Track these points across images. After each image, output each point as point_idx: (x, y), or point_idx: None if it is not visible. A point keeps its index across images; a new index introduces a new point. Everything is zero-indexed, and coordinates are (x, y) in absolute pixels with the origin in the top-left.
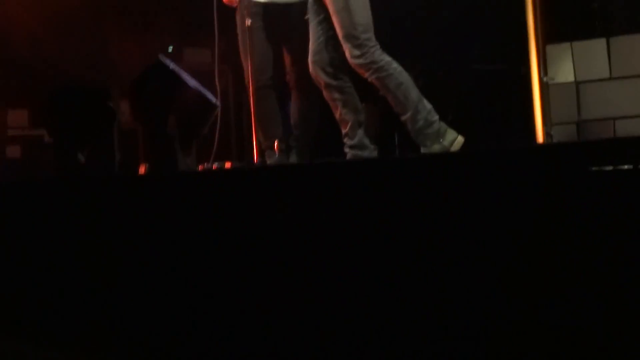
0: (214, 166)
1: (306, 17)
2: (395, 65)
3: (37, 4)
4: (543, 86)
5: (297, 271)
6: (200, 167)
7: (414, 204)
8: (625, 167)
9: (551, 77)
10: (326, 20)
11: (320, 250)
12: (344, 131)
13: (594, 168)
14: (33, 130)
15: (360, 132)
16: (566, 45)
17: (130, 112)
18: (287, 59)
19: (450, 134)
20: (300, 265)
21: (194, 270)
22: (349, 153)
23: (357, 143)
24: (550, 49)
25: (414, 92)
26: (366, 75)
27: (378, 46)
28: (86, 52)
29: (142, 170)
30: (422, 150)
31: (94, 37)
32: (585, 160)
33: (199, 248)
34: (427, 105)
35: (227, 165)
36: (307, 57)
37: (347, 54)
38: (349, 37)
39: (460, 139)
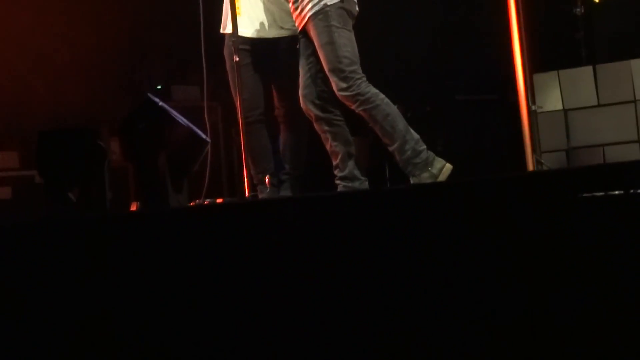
0: (206, 202)
1: None
2: (382, 96)
3: (25, 45)
4: (531, 114)
5: (290, 304)
6: (191, 204)
7: (405, 234)
8: (616, 192)
9: (539, 105)
10: (314, 54)
11: (312, 282)
12: (334, 163)
13: (584, 194)
14: (23, 171)
15: (350, 164)
16: (553, 74)
17: (121, 151)
18: (276, 94)
19: (439, 162)
20: (293, 298)
21: (186, 308)
22: (340, 184)
23: (347, 174)
24: (538, 77)
25: (401, 123)
26: (353, 107)
27: (364, 78)
28: (75, 92)
29: (133, 208)
30: (412, 180)
31: (82, 77)
32: (576, 186)
33: (192, 284)
34: (415, 135)
35: (219, 201)
36: (295, 92)
37: (334, 87)
38: (335, 70)
39: (448, 166)
